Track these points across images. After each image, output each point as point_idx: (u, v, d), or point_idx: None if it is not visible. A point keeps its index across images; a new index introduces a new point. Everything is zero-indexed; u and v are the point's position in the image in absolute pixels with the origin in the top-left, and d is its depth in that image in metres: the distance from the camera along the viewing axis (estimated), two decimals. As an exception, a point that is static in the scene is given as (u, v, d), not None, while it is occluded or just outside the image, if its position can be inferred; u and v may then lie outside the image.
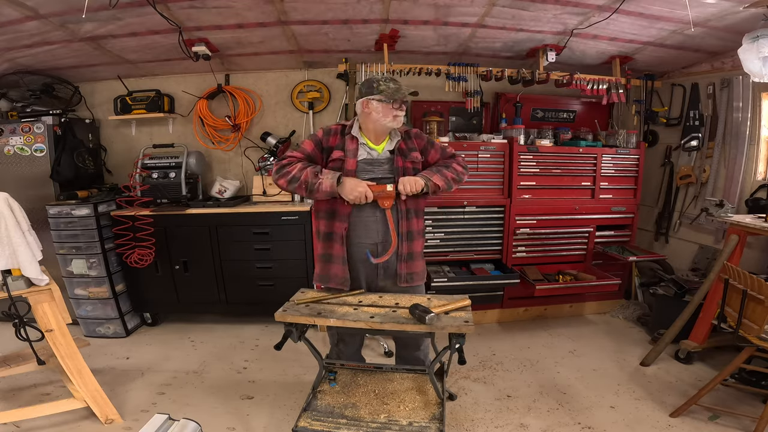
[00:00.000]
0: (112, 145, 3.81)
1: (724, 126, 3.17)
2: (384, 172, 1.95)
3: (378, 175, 1.94)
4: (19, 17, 2.53)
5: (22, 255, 1.94)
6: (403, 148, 1.97)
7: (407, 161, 1.96)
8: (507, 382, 2.66)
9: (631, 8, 2.59)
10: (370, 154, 1.95)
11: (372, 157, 1.95)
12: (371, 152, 1.95)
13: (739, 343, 2.13)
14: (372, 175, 1.93)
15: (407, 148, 1.98)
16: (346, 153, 1.91)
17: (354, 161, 1.91)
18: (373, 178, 1.92)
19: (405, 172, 1.95)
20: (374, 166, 1.94)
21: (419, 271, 2.08)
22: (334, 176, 1.83)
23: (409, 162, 1.97)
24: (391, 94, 1.86)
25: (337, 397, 2.00)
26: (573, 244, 3.50)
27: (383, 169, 1.95)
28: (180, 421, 1.50)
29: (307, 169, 1.85)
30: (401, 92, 1.88)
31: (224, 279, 3.36)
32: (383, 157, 1.96)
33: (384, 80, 1.89)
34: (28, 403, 2.35)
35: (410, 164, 1.97)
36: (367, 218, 1.95)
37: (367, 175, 1.92)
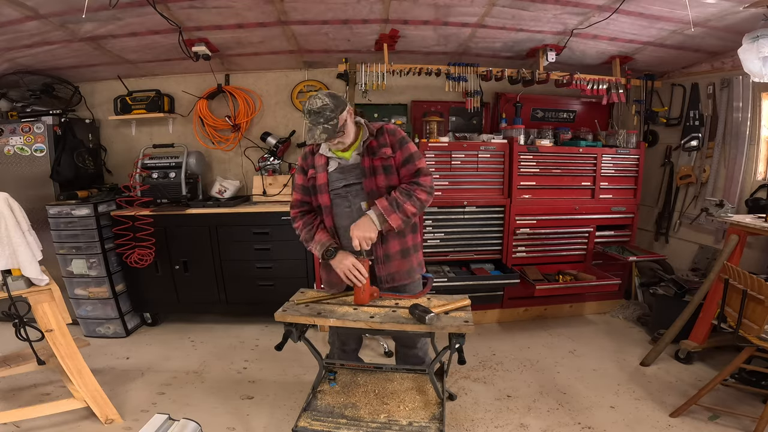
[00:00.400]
0: (112, 145, 3.82)
1: (724, 126, 3.17)
2: (355, 176, 1.91)
3: (350, 180, 1.91)
4: (19, 17, 2.53)
5: (22, 255, 1.94)
6: (373, 145, 1.88)
7: (376, 159, 1.88)
8: (507, 382, 2.66)
9: (631, 8, 2.59)
10: (340, 163, 1.94)
11: (342, 165, 1.93)
12: (340, 161, 1.94)
13: (739, 343, 2.13)
14: (344, 182, 1.92)
15: (378, 144, 1.89)
16: (316, 169, 1.95)
17: (323, 175, 1.93)
18: (346, 185, 1.92)
19: (373, 171, 1.88)
20: (345, 173, 1.92)
21: (403, 270, 1.99)
22: (320, 250, 1.92)
23: (378, 159, 1.88)
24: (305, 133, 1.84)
25: (337, 397, 2.00)
26: (573, 244, 3.50)
27: (354, 174, 1.91)
28: (180, 421, 1.50)
29: (302, 231, 2.01)
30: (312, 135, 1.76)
31: (224, 279, 3.36)
32: (352, 162, 1.92)
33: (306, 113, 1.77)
34: (28, 403, 2.35)
35: (379, 161, 1.88)
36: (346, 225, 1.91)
37: (339, 183, 1.92)
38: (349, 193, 1.93)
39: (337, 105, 1.78)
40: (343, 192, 1.93)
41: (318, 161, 1.95)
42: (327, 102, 1.76)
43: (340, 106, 1.79)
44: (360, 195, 1.92)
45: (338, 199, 1.94)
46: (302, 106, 3.69)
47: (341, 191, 1.93)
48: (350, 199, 1.93)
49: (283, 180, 3.57)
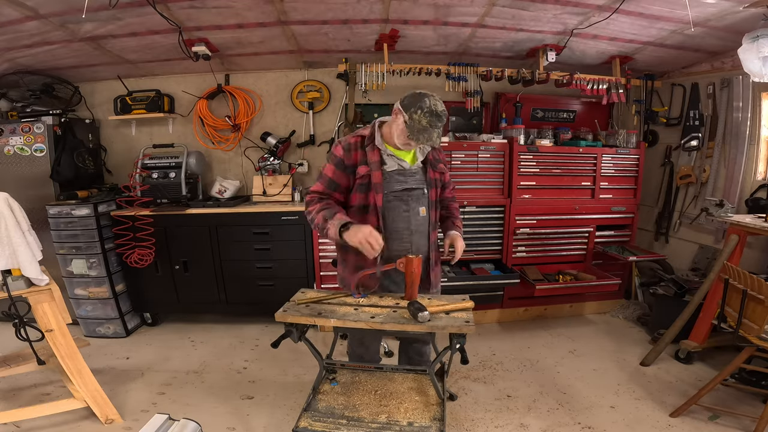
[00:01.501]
0: (112, 145, 3.81)
1: (724, 126, 3.17)
2: (416, 182, 1.92)
3: (411, 185, 1.90)
4: (19, 17, 2.53)
5: (22, 255, 1.94)
6: (431, 159, 1.96)
7: (437, 172, 1.98)
8: (507, 382, 2.66)
9: (631, 8, 2.59)
10: (401, 165, 1.89)
11: (404, 168, 1.90)
12: (401, 163, 1.89)
13: (739, 343, 2.13)
14: (405, 185, 1.89)
15: (434, 159, 1.98)
16: (370, 166, 1.84)
17: (379, 173, 1.85)
18: (405, 188, 1.89)
19: (435, 183, 1.97)
20: (407, 176, 1.90)
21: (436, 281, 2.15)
22: (337, 225, 1.77)
23: (438, 173, 1.99)
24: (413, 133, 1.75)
25: (337, 397, 2.00)
26: (573, 244, 3.50)
27: (415, 179, 1.92)
28: (180, 421, 1.50)
29: (321, 212, 1.82)
30: (429, 137, 1.74)
31: (224, 279, 3.36)
32: (415, 168, 1.93)
33: (425, 112, 1.73)
34: (28, 403, 2.35)
35: (439, 175, 1.99)
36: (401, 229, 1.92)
37: (399, 186, 1.88)
38: (410, 197, 1.90)
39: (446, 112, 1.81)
40: (403, 195, 1.89)
41: (372, 157, 1.85)
42: (445, 109, 1.79)
43: None
44: (420, 201, 1.93)
45: (396, 202, 1.89)
46: (302, 106, 3.74)
47: (401, 194, 1.89)
48: (410, 204, 1.90)
49: (283, 180, 3.57)
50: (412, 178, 1.92)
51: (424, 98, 1.76)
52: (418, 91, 1.80)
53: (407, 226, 1.92)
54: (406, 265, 1.82)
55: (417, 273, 1.85)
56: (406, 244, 1.93)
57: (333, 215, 1.80)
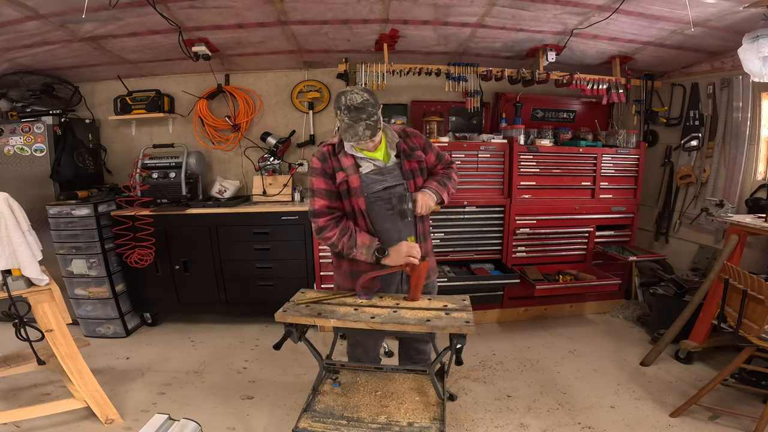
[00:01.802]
0: (112, 145, 3.81)
1: (724, 126, 3.17)
2: (395, 178, 1.90)
3: (390, 183, 1.88)
4: (19, 17, 2.53)
5: (22, 255, 1.94)
6: (405, 148, 1.92)
7: (413, 161, 1.93)
8: (507, 382, 2.66)
9: (631, 8, 2.59)
10: (376, 165, 1.87)
11: (379, 167, 1.88)
12: (376, 162, 1.87)
13: (739, 343, 2.13)
14: (385, 184, 1.87)
15: (409, 147, 1.93)
16: (346, 172, 1.83)
17: (356, 177, 1.83)
18: (386, 187, 1.87)
19: (413, 174, 1.92)
20: (384, 174, 1.88)
21: (434, 267, 2.13)
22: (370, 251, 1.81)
23: (414, 162, 1.93)
24: (343, 133, 1.74)
25: (337, 397, 2.00)
26: (573, 244, 3.50)
27: (393, 176, 1.90)
28: (180, 421, 1.50)
29: (343, 239, 1.83)
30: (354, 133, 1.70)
31: (224, 279, 3.36)
32: (391, 164, 1.90)
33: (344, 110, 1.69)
34: (28, 403, 2.36)
35: (416, 164, 1.93)
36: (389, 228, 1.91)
37: (379, 185, 1.86)
38: (393, 195, 1.87)
39: (376, 101, 1.73)
40: (385, 194, 1.87)
41: (345, 162, 1.84)
42: (367, 97, 1.70)
43: (377, 102, 1.74)
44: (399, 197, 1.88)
45: (379, 202, 1.87)
46: (302, 106, 3.74)
47: (382, 194, 1.87)
48: (392, 201, 1.87)
49: (283, 180, 3.57)
50: (390, 175, 1.89)
51: (341, 96, 1.72)
52: (340, 90, 1.78)
53: (394, 224, 1.90)
54: (412, 269, 1.85)
55: (423, 276, 1.87)
56: (395, 242, 1.90)
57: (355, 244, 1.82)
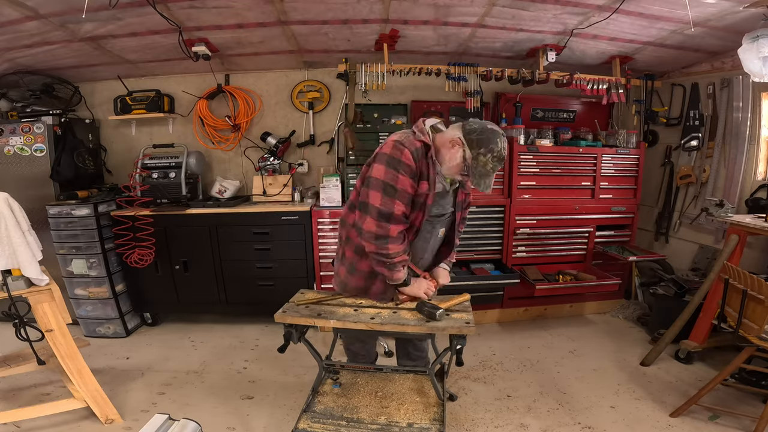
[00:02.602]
0: (112, 145, 3.81)
1: (724, 126, 3.16)
2: (449, 204, 1.84)
3: (443, 210, 1.82)
4: (19, 17, 2.53)
5: (22, 255, 1.94)
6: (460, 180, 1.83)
7: (464, 193, 1.89)
8: (507, 382, 2.66)
9: (631, 8, 2.59)
10: (444, 187, 1.75)
11: (444, 190, 1.77)
12: (444, 184, 1.75)
13: (739, 343, 2.13)
14: (441, 210, 1.80)
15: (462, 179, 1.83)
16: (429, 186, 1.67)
17: (432, 195, 1.69)
18: (441, 213, 1.81)
19: (462, 206, 1.91)
20: (445, 199, 1.80)
21: None
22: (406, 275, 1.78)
23: (464, 194, 1.90)
24: (475, 176, 1.63)
25: (337, 398, 2.00)
26: (573, 244, 3.50)
27: (448, 201, 1.83)
28: (180, 421, 1.50)
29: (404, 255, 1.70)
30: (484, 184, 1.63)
31: (224, 279, 3.36)
32: (449, 189, 1.80)
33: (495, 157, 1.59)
34: (28, 403, 2.35)
35: (464, 196, 1.91)
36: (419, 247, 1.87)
37: (437, 210, 1.78)
38: (437, 222, 1.84)
39: None
40: (434, 219, 1.82)
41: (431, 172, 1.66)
42: None
43: None
44: (443, 224, 1.87)
45: (427, 225, 1.79)
46: (302, 106, 3.74)
47: (434, 219, 1.81)
48: (435, 226, 1.84)
49: (283, 180, 3.57)
50: (447, 202, 1.82)
51: (497, 140, 1.57)
52: (489, 126, 1.60)
53: (424, 244, 1.87)
54: None
55: None
56: (419, 259, 1.91)
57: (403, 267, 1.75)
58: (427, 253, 1.92)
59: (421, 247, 1.86)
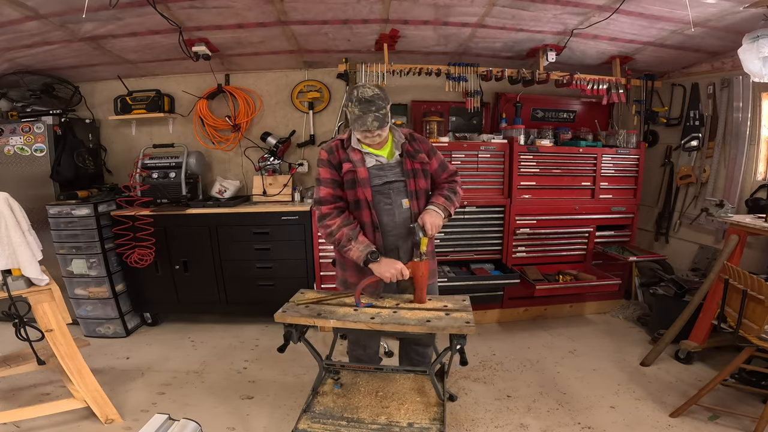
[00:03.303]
0: (112, 145, 3.81)
1: (724, 126, 3.16)
2: (395, 174, 1.96)
3: (390, 178, 1.95)
4: (19, 17, 2.53)
5: (22, 255, 1.94)
6: (409, 150, 1.97)
7: (415, 162, 1.98)
8: (507, 382, 2.66)
9: (631, 8, 2.59)
10: (379, 161, 1.95)
11: (381, 163, 1.95)
12: (379, 158, 1.95)
13: (739, 343, 2.13)
14: (384, 179, 1.94)
15: (414, 150, 1.98)
16: (354, 164, 1.91)
17: (364, 169, 1.91)
18: (385, 182, 1.94)
19: (414, 173, 1.97)
20: (385, 170, 1.95)
21: (435, 268, 2.16)
22: (364, 251, 1.85)
23: (417, 163, 1.98)
24: (352, 123, 1.85)
25: (337, 398, 2.00)
26: (573, 244, 3.50)
27: (394, 172, 1.96)
28: (180, 421, 1.50)
29: (344, 229, 1.89)
30: (363, 122, 1.79)
31: (224, 279, 3.36)
32: (393, 161, 1.97)
33: (355, 102, 1.80)
34: (28, 403, 2.35)
35: (419, 165, 1.98)
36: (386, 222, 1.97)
37: (379, 180, 1.93)
38: (391, 190, 1.95)
39: (386, 96, 1.84)
40: (384, 189, 1.94)
41: (354, 156, 1.92)
42: (377, 92, 1.81)
43: (387, 98, 1.84)
44: (401, 193, 1.96)
45: (378, 196, 1.94)
46: (302, 106, 3.74)
47: (382, 188, 1.94)
48: (392, 197, 1.95)
49: (283, 180, 3.57)
50: (391, 171, 1.96)
51: (353, 90, 1.83)
52: (354, 85, 1.89)
53: (392, 219, 1.96)
54: (413, 270, 1.87)
55: (425, 276, 1.88)
56: (391, 237, 1.98)
57: (356, 236, 1.88)
58: (399, 227, 1.98)
59: (389, 222, 1.96)
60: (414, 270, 1.87)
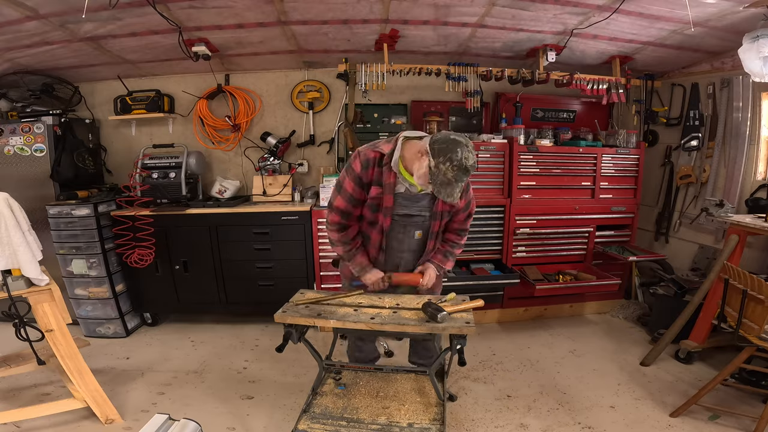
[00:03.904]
0: (112, 145, 3.81)
1: (724, 126, 3.16)
2: (419, 209, 1.89)
3: (413, 212, 1.88)
4: (19, 17, 2.53)
5: (22, 255, 1.94)
6: None
7: (446, 205, 1.89)
8: (507, 382, 2.66)
9: (631, 8, 2.59)
10: (409, 190, 1.83)
11: (411, 193, 1.85)
12: (411, 188, 1.82)
13: (739, 343, 2.13)
14: (406, 211, 1.87)
15: None
16: (383, 188, 1.80)
17: (391, 197, 1.82)
18: (407, 214, 1.89)
19: (441, 216, 1.94)
20: (411, 202, 1.87)
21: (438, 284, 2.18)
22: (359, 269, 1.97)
23: (447, 206, 1.91)
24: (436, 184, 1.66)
25: (337, 398, 2.00)
26: (573, 244, 3.50)
27: (419, 206, 1.88)
28: (180, 421, 1.49)
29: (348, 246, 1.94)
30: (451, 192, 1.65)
31: (224, 279, 3.36)
32: (422, 194, 1.86)
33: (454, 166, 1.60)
34: (28, 403, 2.35)
35: (449, 207, 1.92)
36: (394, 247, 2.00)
37: (402, 210, 1.87)
38: (408, 223, 1.92)
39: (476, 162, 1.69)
40: (403, 220, 1.90)
41: (388, 178, 1.80)
42: (476, 159, 1.66)
43: None
44: (417, 226, 1.94)
45: (394, 224, 1.91)
46: (302, 106, 3.74)
47: (401, 218, 1.90)
48: (407, 228, 1.94)
49: (283, 180, 3.57)
50: (416, 204, 1.89)
51: (457, 149, 1.61)
52: (453, 137, 1.65)
53: (399, 244, 1.97)
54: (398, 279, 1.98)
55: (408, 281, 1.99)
56: (397, 259, 2.01)
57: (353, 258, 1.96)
58: (405, 253, 2.01)
59: (397, 247, 1.98)
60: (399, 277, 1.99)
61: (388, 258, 1.99)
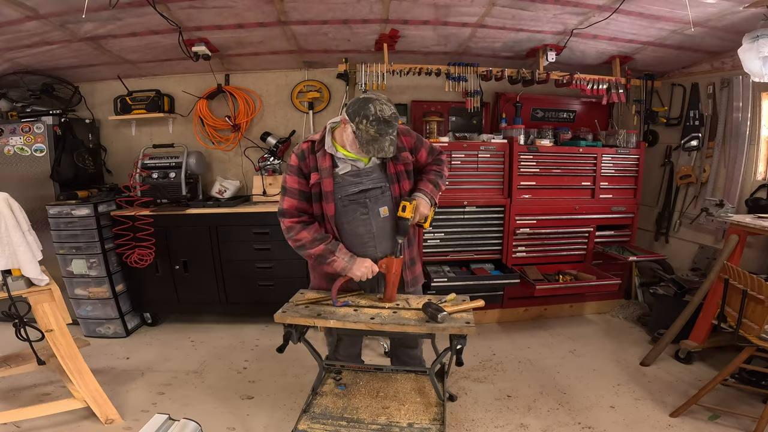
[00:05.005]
0: (112, 145, 3.81)
1: (724, 126, 3.16)
2: (374, 181, 1.82)
3: (368, 186, 1.81)
4: (19, 17, 2.53)
5: (22, 255, 1.94)
6: None
7: (399, 164, 1.84)
8: (507, 382, 2.66)
9: (631, 8, 2.59)
10: (355, 165, 1.79)
11: (357, 169, 1.80)
12: (355, 163, 1.79)
13: (739, 343, 2.13)
14: (361, 186, 1.80)
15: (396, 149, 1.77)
16: (320, 174, 1.76)
17: (329, 181, 1.76)
18: (362, 190, 1.81)
19: (398, 177, 1.85)
20: (361, 177, 1.80)
21: (419, 274, 2.10)
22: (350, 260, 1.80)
23: (401, 165, 1.84)
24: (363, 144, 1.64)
25: (337, 398, 2.00)
26: (573, 244, 3.50)
27: (372, 178, 1.82)
28: (180, 421, 1.49)
29: (321, 245, 1.78)
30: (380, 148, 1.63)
31: (224, 279, 3.36)
32: (371, 165, 1.82)
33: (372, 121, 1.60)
34: (28, 403, 2.36)
35: (402, 167, 1.85)
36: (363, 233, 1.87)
37: (354, 188, 1.80)
38: (368, 199, 1.82)
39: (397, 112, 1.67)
40: (359, 198, 1.81)
41: (323, 163, 1.75)
42: (395, 110, 1.65)
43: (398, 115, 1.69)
44: (380, 200, 1.83)
45: (352, 205, 1.81)
46: (302, 106, 3.74)
47: (357, 197, 1.81)
48: (368, 206, 1.82)
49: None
50: (368, 177, 1.81)
51: (368, 104, 1.61)
52: (363, 96, 1.67)
53: (369, 230, 1.85)
54: (387, 266, 1.84)
55: (398, 274, 1.86)
56: (370, 248, 1.88)
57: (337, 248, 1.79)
58: (377, 238, 1.87)
59: (365, 232, 1.85)
60: (388, 266, 1.83)
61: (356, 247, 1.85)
